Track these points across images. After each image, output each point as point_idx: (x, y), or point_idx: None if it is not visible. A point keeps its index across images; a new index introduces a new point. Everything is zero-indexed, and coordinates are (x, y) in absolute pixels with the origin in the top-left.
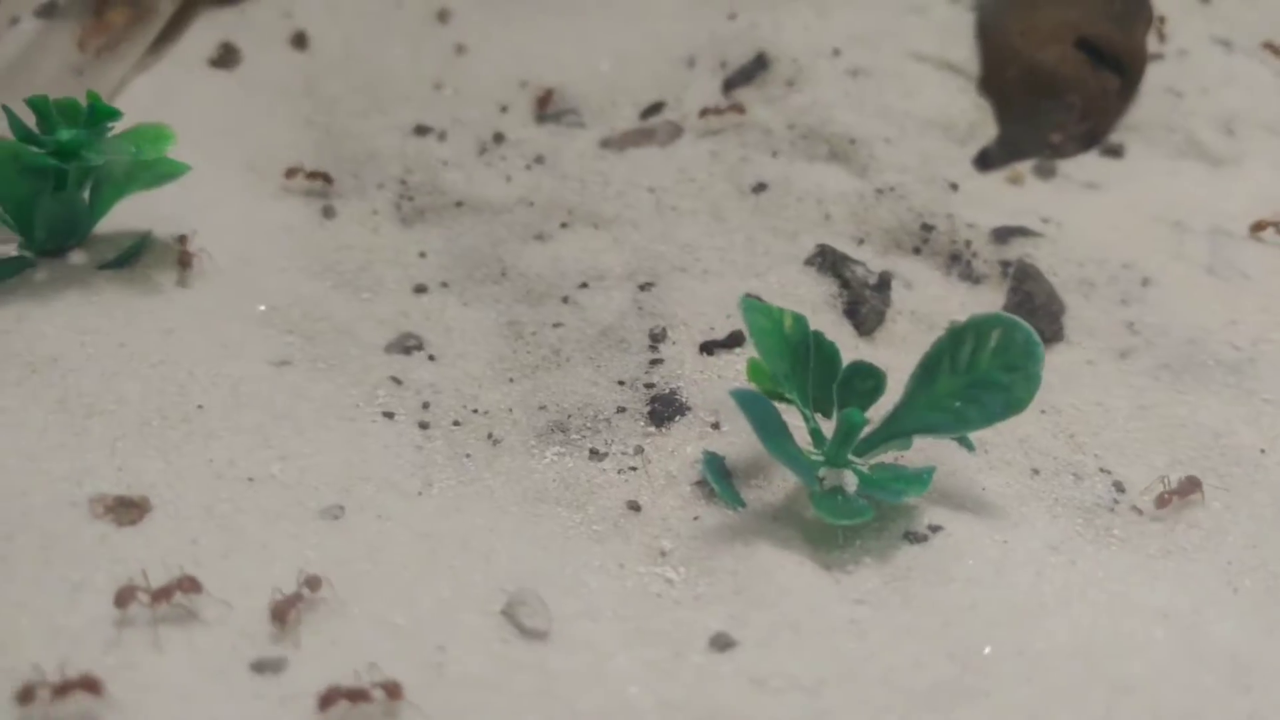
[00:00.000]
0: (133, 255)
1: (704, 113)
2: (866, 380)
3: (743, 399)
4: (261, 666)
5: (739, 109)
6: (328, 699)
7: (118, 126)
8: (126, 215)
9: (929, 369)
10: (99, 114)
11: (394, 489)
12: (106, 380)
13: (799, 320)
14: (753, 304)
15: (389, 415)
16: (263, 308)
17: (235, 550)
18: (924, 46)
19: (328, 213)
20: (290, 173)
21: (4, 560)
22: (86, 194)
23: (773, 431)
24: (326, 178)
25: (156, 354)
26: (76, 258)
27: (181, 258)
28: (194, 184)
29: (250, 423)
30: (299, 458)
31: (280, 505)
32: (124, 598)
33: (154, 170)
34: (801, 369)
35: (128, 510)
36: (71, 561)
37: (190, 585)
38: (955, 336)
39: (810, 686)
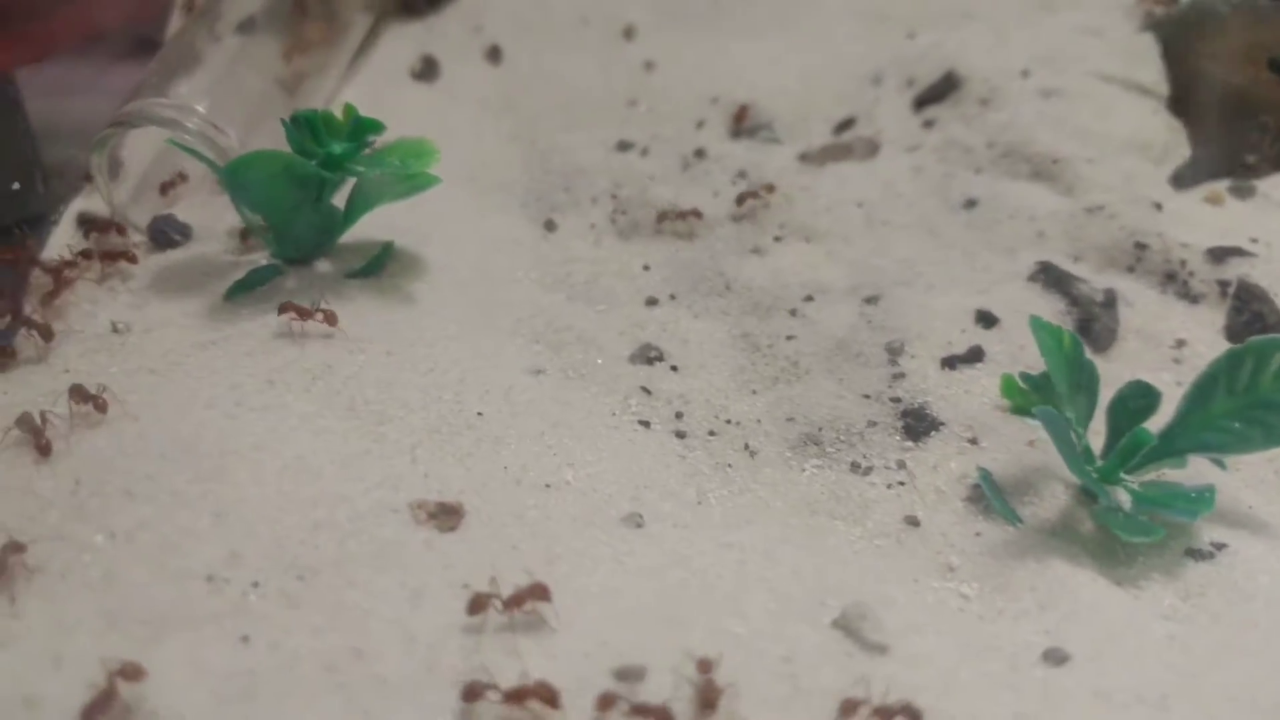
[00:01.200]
0: (379, 265)
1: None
2: (1141, 399)
3: (1047, 418)
4: (624, 674)
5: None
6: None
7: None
8: (364, 226)
9: (1204, 390)
10: (363, 127)
11: (674, 497)
12: (386, 388)
13: (1075, 340)
14: (1041, 323)
15: (645, 424)
16: (511, 319)
17: (558, 557)
18: (1109, 68)
19: (549, 226)
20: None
21: (341, 565)
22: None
23: (1073, 450)
24: None
25: (424, 362)
26: (323, 266)
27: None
28: (422, 196)
29: (530, 429)
30: (584, 465)
31: (583, 512)
32: (477, 605)
33: (410, 183)
34: (1078, 387)
35: (448, 516)
36: (406, 567)
37: (541, 592)
38: (1233, 358)
39: (1155, 701)
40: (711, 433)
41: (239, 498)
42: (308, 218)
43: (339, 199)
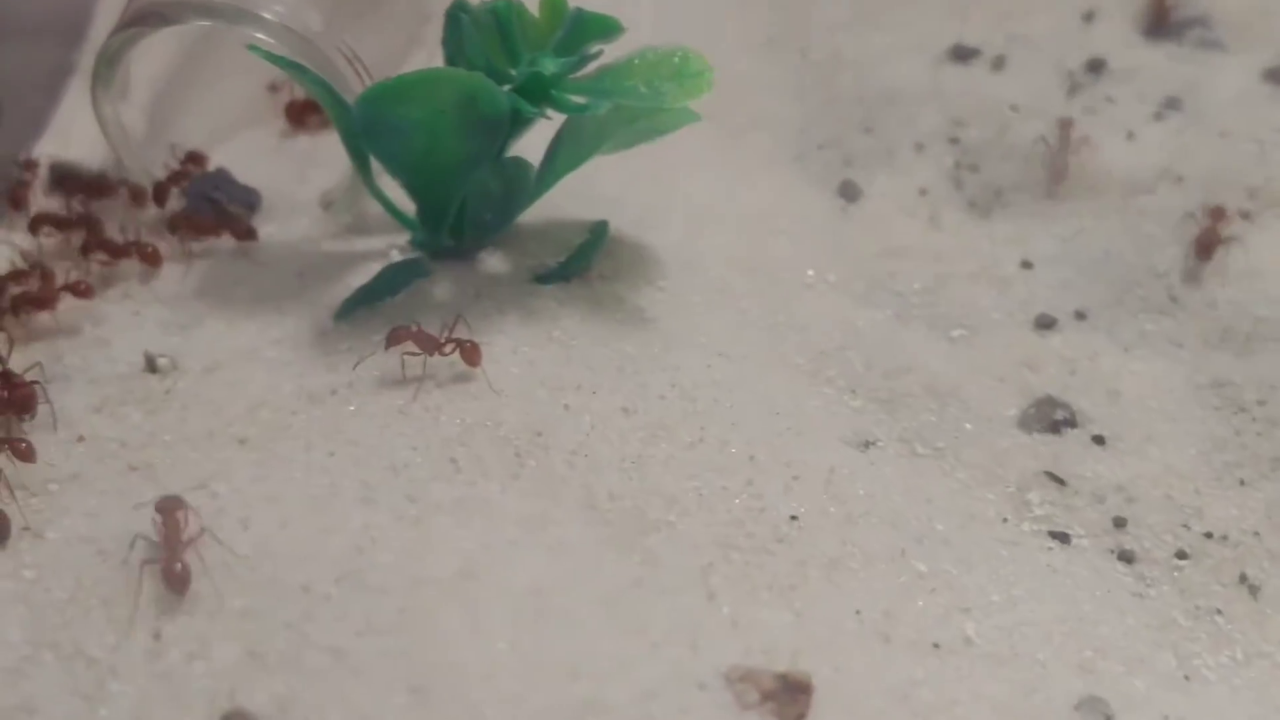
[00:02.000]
0: (586, 259)
1: None
2: None
3: None
4: None
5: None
6: None
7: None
8: (554, 196)
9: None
10: (584, 29)
11: (1144, 668)
12: (635, 471)
13: None
14: None
15: (1062, 537)
16: (808, 352)
17: None
18: None
19: (848, 192)
20: None
21: None
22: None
23: None
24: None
25: (685, 425)
26: (492, 262)
27: None
28: (642, 145)
29: (880, 545)
30: (987, 610)
31: (1007, 694)
32: None
33: (654, 123)
34: None
35: (791, 698)
36: None
37: None
38: None
39: None
40: (1180, 554)
41: (448, 662)
42: (483, 181)
43: (523, 149)
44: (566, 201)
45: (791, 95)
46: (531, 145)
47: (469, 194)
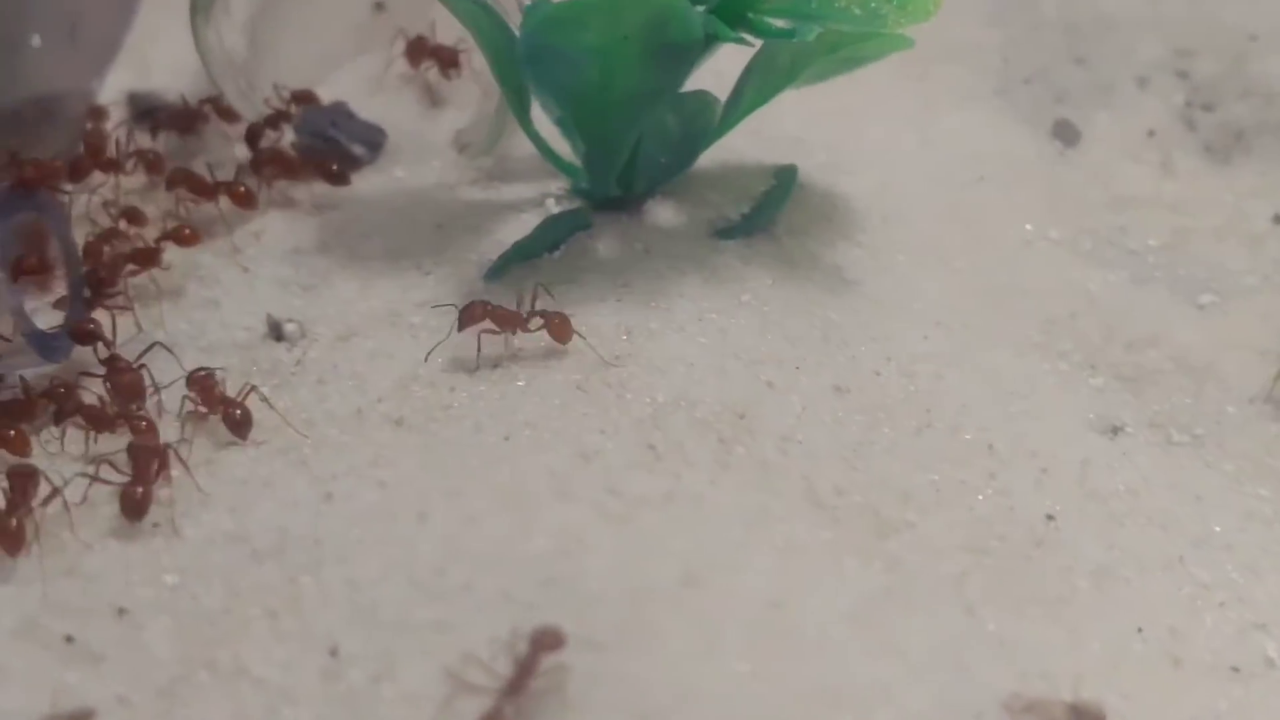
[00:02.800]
0: (772, 210)
1: None
2: None
3: None
4: None
5: None
6: None
7: None
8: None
9: None
10: None
11: None
12: (856, 459)
13: None
14: None
15: None
16: (1034, 319)
17: None
18: None
19: (1064, 133)
20: None
21: None
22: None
23: None
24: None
25: (910, 410)
26: (661, 213)
27: None
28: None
29: (1152, 550)
30: None
31: None
32: None
33: (853, 51)
34: None
35: None
36: None
37: None
38: None
39: None
40: None
41: (681, 687)
42: (661, 119)
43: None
44: (744, 143)
45: (987, 20)
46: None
47: (644, 134)
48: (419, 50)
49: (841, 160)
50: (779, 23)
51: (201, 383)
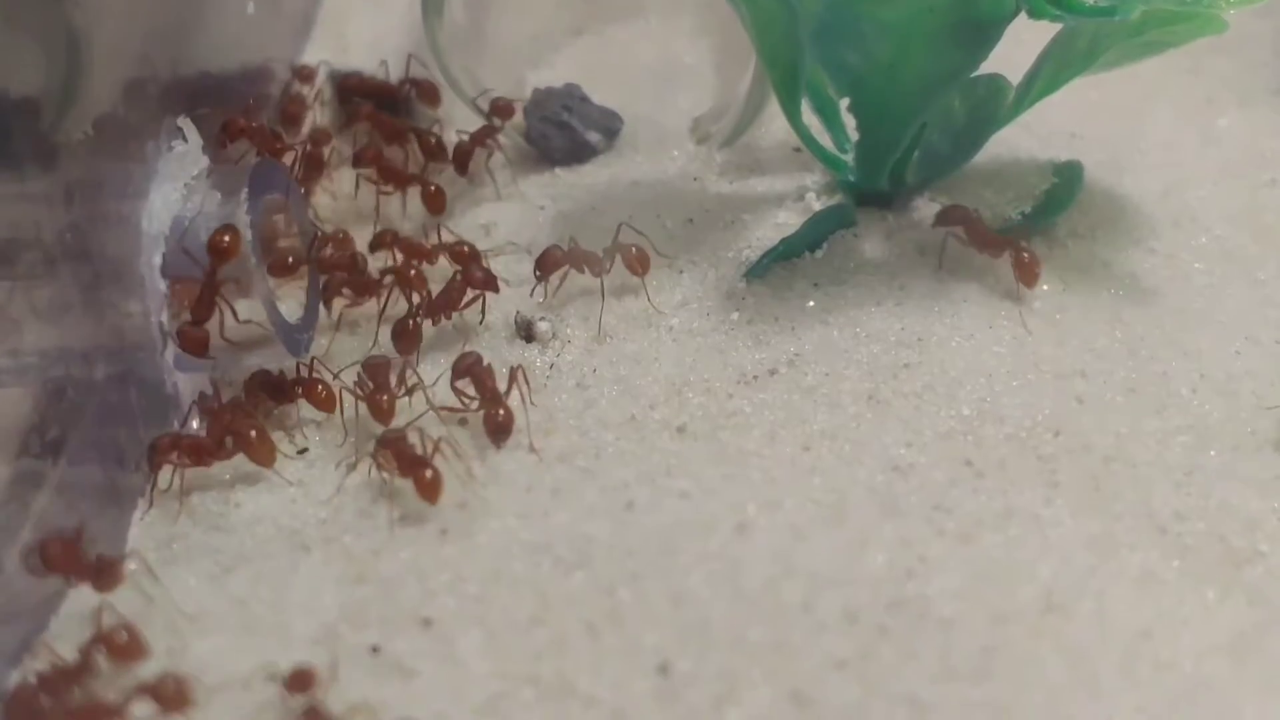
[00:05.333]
0: (1057, 212)
1: None
2: None
3: None
4: None
5: None
6: None
7: None
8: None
9: None
10: None
11: None
12: (1192, 487)
13: None
14: None
15: None
16: None
17: None
18: None
19: None
20: None
21: None
22: None
23: None
24: None
25: (1234, 431)
26: (933, 212)
27: None
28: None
29: None
30: None
31: None
32: None
33: (1161, 34)
34: None
35: None
36: None
37: None
38: None
39: None
40: None
41: (1082, 713)
42: (949, 105)
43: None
44: (1016, 137)
45: (1258, 10)
46: None
47: (928, 121)
48: None
49: (1121, 158)
50: (1125, 7)
51: (471, 369)
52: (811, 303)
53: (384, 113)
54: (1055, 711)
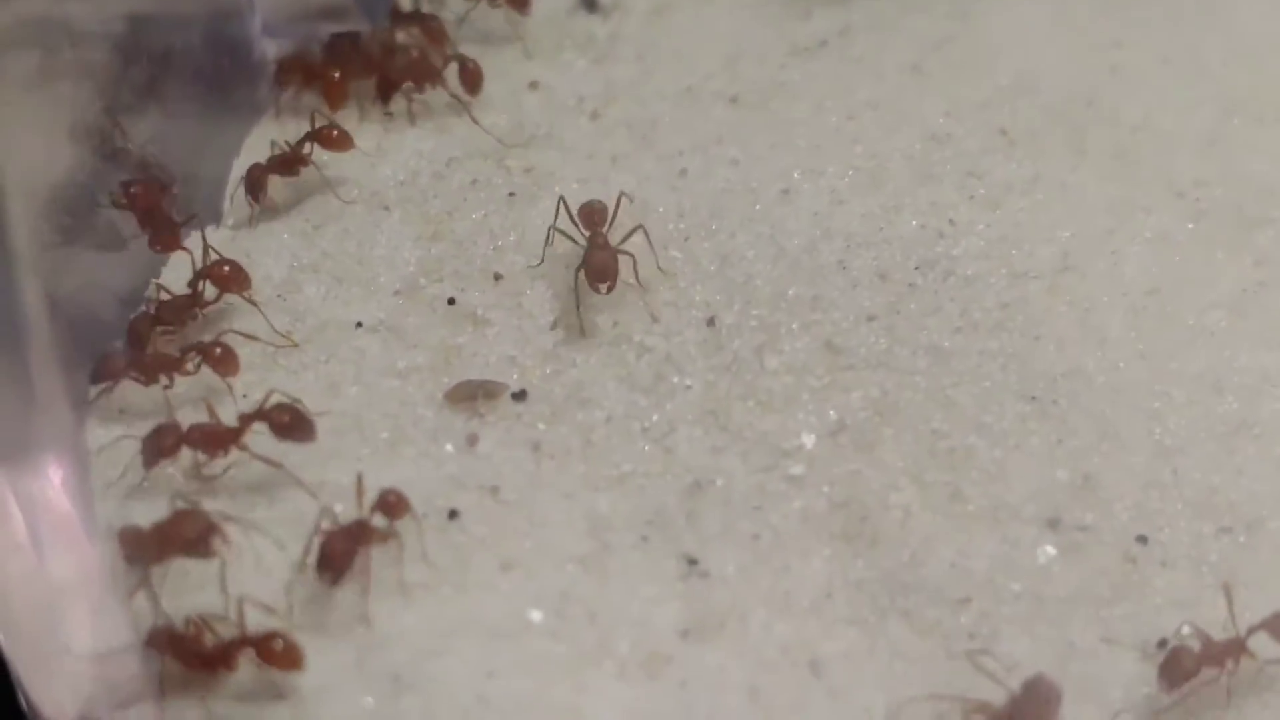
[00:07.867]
0: None
1: None
2: None
3: None
4: None
5: None
6: None
7: None
8: None
9: None
10: None
11: None
12: (1215, 154)
13: None
14: None
15: None
16: None
17: None
18: None
19: None
20: None
21: None
22: None
23: None
24: None
25: (1269, 99)
26: None
27: None
28: None
29: None
30: None
31: None
32: None
33: None
34: None
35: None
36: None
37: None
38: None
39: None
40: None
41: (1066, 370)
42: None
43: None
44: None
45: None
46: None
47: None
48: None
49: None
50: None
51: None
52: None
53: None
54: (1064, 359)
